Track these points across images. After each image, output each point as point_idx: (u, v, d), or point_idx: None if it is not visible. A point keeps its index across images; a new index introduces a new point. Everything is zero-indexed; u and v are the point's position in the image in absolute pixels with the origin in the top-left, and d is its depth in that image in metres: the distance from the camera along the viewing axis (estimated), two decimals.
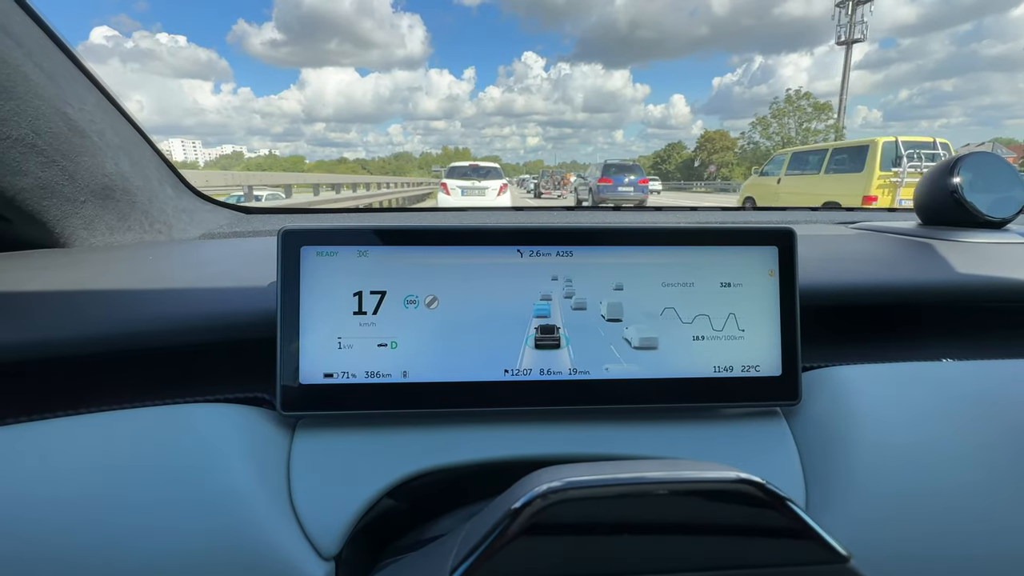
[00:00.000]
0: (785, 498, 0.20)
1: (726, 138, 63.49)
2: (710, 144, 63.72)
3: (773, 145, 44.00)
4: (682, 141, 78.79)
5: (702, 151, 64.13)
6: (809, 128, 42.34)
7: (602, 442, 0.32)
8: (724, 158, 60.19)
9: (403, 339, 0.31)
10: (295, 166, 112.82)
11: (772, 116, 44.44)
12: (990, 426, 0.31)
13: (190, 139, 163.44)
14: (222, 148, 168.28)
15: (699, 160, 62.63)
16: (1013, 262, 0.48)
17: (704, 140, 65.08)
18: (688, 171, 66.21)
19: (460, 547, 0.21)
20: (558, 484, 0.20)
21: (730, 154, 59.59)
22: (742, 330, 0.33)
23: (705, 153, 63.37)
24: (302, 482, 0.29)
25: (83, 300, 0.36)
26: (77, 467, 0.26)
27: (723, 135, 64.31)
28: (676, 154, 74.39)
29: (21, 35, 0.45)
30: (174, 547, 0.24)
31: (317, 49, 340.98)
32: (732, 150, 60.40)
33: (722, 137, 63.75)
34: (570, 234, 0.33)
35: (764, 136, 45.27)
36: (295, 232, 0.31)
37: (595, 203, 13.72)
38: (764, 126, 45.17)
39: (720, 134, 64.36)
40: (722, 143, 62.69)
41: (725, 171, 55.77)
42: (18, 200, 0.46)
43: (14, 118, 0.43)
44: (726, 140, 63.13)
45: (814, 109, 42.56)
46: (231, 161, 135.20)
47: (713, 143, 63.52)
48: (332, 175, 22.67)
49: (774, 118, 44.12)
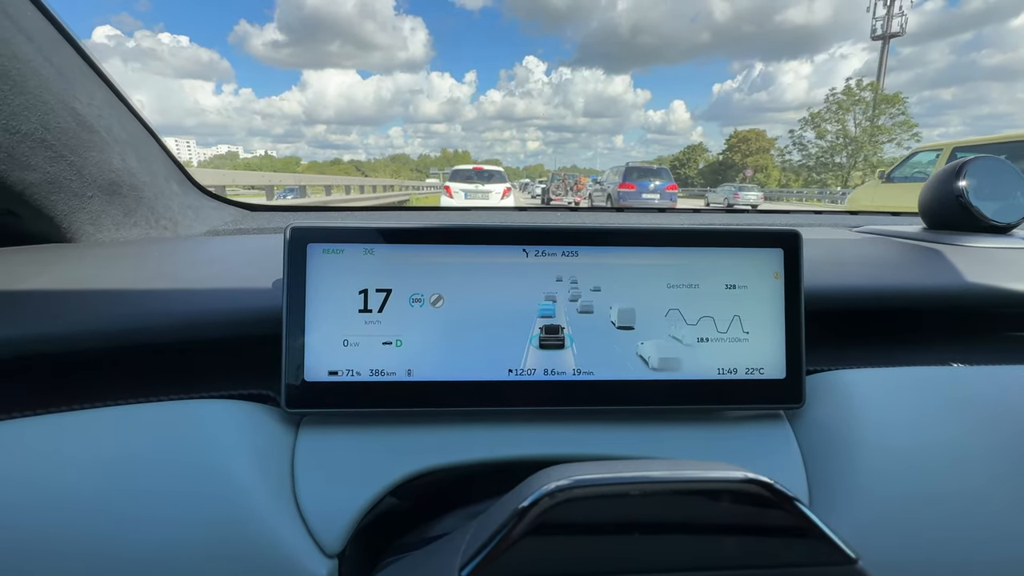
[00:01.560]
0: (794, 498, 0.20)
1: (762, 138, 57.08)
2: (744, 145, 57.16)
3: (829, 146, 38.01)
4: (703, 143, 72.78)
5: (734, 152, 57.70)
6: (876, 126, 36.29)
7: (605, 443, 0.32)
8: (759, 161, 54.07)
9: (408, 337, 0.31)
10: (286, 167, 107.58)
11: (828, 111, 38.42)
12: (994, 431, 0.31)
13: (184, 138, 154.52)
14: (217, 148, 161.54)
15: (730, 163, 56.29)
16: (1018, 267, 0.48)
17: (736, 140, 58.33)
18: (714, 176, 59.76)
19: (468, 546, 0.21)
20: (566, 483, 0.20)
21: (766, 156, 53.45)
22: (747, 332, 0.33)
23: (738, 155, 56.94)
24: (306, 479, 0.29)
25: (89, 295, 0.36)
26: (83, 462, 0.27)
27: (759, 134, 57.80)
28: (697, 157, 68.33)
29: (32, 30, 0.45)
30: (178, 542, 0.24)
31: (319, 51, 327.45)
32: (767, 151, 54.30)
33: (758, 137, 57.26)
34: (576, 234, 0.33)
35: (819, 135, 39.16)
36: (302, 229, 0.31)
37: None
38: (817, 123, 39.10)
39: (756, 133, 57.84)
40: (758, 144, 56.44)
41: (761, 176, 49.60)
42: (26, 195, 0.46)
43: (24, 113, 0.43)
44: (762, 140, 56.76)
45: (883, 102, 36.46)
46: (225, 161, 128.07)
47: (748, 144, 56.98)
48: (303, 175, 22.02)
49: (833, 113, 38.04)
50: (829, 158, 37.97)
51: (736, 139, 58.65)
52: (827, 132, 38.77)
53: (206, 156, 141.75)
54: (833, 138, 38.52)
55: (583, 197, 16.94)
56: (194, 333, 0.34)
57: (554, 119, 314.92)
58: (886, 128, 35.71)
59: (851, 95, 37.54)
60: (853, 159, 36.37)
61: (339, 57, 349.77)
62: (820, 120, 39.10)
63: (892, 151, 35.10)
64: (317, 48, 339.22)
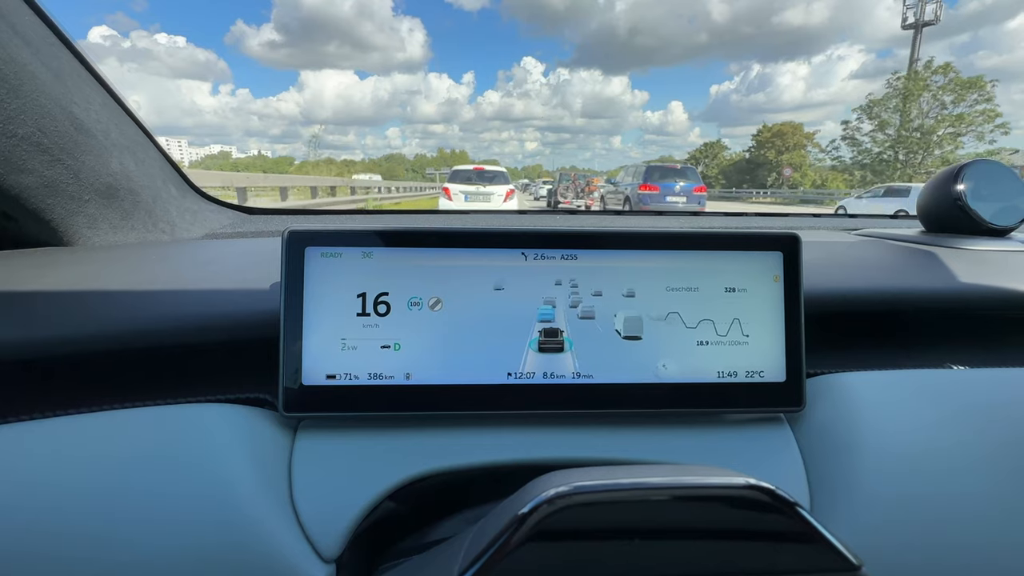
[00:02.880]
0: (796, 504, 0.20)
1: (799, 132, 48.46)
2: (779, 140, 48.68)
3: (891, 139, 32.55)
4: (722, 140, 67.12)
5: (768, 149, 49.22)
6: (951, 115, 30.84)
7: (605, 446, 0.32)
8: (794, 158, 47.89)
9: (406, 341, 0.31)
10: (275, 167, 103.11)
11: (891, 97, 32.86)
12: (994, 433, 0.31)
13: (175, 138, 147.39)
14: (210, 148, 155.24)
15: (761, 161, 49.02)
16: (1016, 270, 0.48)
17: (770, 135, 49.41)
18: (740, 177, 52.53)
19: (467, 552, 0.21)
20: (565, 489, 0.20)
21: (799, 153, 47.85)
22: (746, 335, 0.33)
23: (772, 152, 48.80)
24: (304, 484, 0.29)
25: (86, 299, 0.36)
26: (78, 466, 0.26)
27: (795, 128, 48.91)
28: (718, 155, 62.94)
29: (29, 34, 0.45)
30: (175, 548, 0.24)
31: (316, 51, 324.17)
32: (803, 148, 48.64)
33: (794, 131, 48.52)
34: (575, 238, 0.32)
35: (879, 126, 33.59)
36: (300, 233, 0.31)
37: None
38: (877, 112, 33.49)
39: (792, 127, 48.96)
40: (795, 139, 47.99)
41: (796, 176, 44.00)
42: (23, 198, 0.46)
43: (20, 116, 0.43)
44: (799, 135, 48.23)
45: (960, 87, 29.92)
46: (216, 161, 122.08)
47: (783, 139, 48.46)
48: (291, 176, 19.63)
49: (898, 100, 32.44)
50: (891, 154, 32.61)
51: (769, 133, 49.57)
52: (890, 123, 33.12)
53: (198, 156, 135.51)
54: (897, 130, 32.99)
55: (595, 200, 14.83)
56: (191, 337, 0.34)
57: (552, 120, 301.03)
58: (966, 117, 30.29)
59: (919, 80, 32.13)
60: (921, 154, 31.10)
61: (336, 58, 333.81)
62: (883, 108, 33.38)
63: (971, 145, 29.82)
64: (314, 49, 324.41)
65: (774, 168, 47.99)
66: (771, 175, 47.71)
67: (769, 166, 49.00)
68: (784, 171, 40.56)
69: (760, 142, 50.67)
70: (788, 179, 42.02)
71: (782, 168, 45.13)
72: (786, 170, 40.44)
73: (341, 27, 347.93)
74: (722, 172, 58.37)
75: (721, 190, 48.13)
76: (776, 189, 41.42)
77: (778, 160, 47.88)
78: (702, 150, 62.59)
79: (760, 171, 49.95)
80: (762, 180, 48.53)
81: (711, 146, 62.18)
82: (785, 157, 47.37)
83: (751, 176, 51.16)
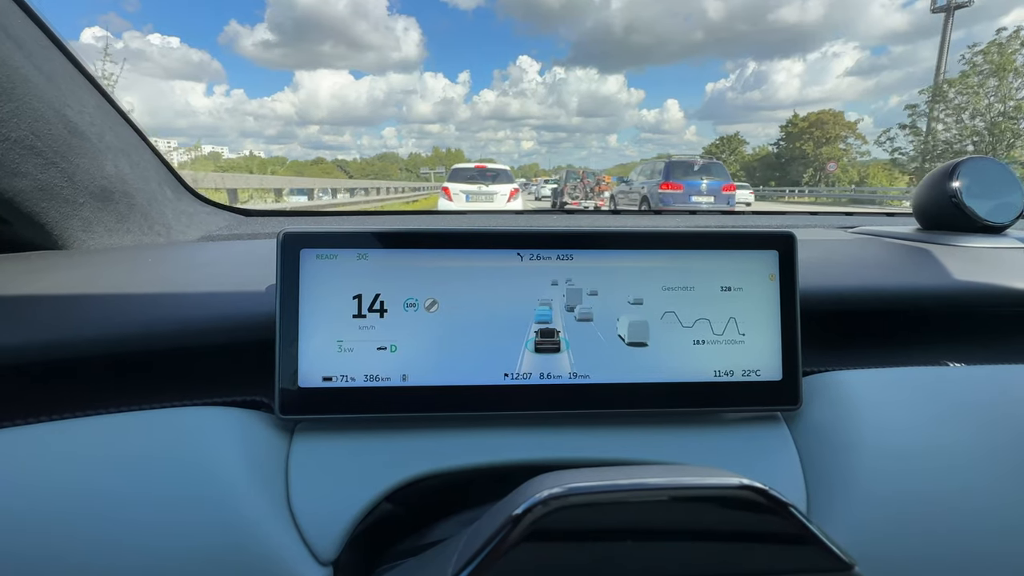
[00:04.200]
0: (789, 505, 0.20)
1: (840, 122, 41.69)
2: (818, 131, 41.93)
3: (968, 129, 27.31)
4: (739, 134, 58.97)
5: (804, 141, 42.48)
6: None
7: (602, 446, 0.32)
8: (834, 151, 40.63)
9: (403, 342, 0.31)
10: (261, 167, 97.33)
11: (971, 77, 27.69)
12: (990, 430, 0.31)
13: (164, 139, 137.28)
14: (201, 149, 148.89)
15: (796, 154, 42.29)
16: (1012, 267, 0.49)
17: (807, 124, 42.58)
18: (769, 173, 45.78)
19: (460, 554, 0.21)
20: (559, 490, 0.20)
21: (835, 147, 42.55)
22: (742, 334, 0.33)
23: (810, 144, 42.02)
24: (300, 486, 0.28)
25: (81, 302, 0.35)
26: (75, 471, 0.26)
27: (836, 116, 42.02)
28: (736, 149, 57.77)
29: (21, 36, 0.45)
30: (172, 551, 0.24)
31: (311, 51, 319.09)
32: (844, 139, 43.04)
33: (835, 120, 41.78)
34: (570, 238, 0.32)
35: (949, 111, 28.42)
36: (295, 235, 0.31)
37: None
38: (950, 97, 28.27)
39: (833, 115, 42.14)
40: (835, 129, 41.39)
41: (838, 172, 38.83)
42: (17, 202, 0.46)
43: (14, 120, 0.43)
44: (840, 125, 41.50)
45: None
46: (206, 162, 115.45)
47: (823, 128, 41.66)
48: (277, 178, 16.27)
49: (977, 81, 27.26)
50: (961, 145, 27.50)
51: (805, 123, 42.49)
52: (967, 108, 27.82)
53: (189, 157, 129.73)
54: (973, 117, 27.78)
55: (605, 201, 13.34)
56: (187, 339, 0.34)
57: (548, 119, 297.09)
58: None
59: (989, 57, 27.00)
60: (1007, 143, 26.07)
61: (331, 58, 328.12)
62: (963, 89, 28.11)
63: None
64: (309, 48, 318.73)
65: (811, 163, 41.57)
66: (807, 171, 41.39)
67: (805, 160, 42.35)
68: (828, 166, 34.07)
69: (791, 134, 43.88)
70: (832, 174, 36.90)
71: (824, 162, 39.64)
72: (830, 164, 33.90)
73: (336, 27, 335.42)
74: (744, 168, 53.06)
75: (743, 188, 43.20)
76: (813, 187, 36.39)
77: (817, 153, 41.50)
78: (718, 145, 57.23)
79: (793, 166, 43.39)
80: (795, 177, 42.60)
81: (728, 140, 56.63)
82: (825, 150, 41.58)
83: (781, 172, 44.63)
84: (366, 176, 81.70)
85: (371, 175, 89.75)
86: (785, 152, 45.45)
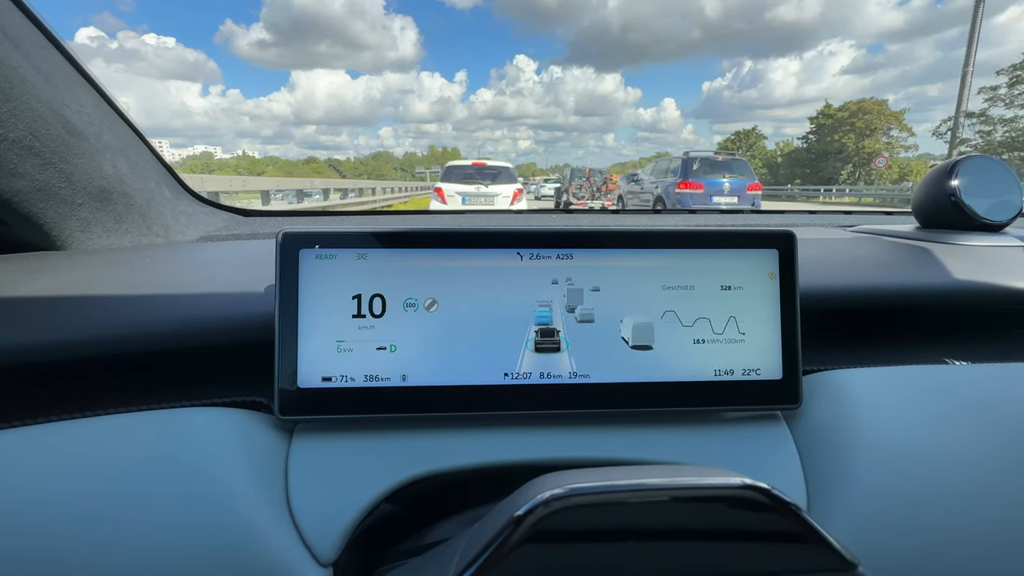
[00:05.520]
0: (792, 504, 0.20)
1: (884, 111, 37.27)
2: (860, 120, 37.27)
3: None
4: (757, 128, 54.87)
5: (845, 132, 37.82)
6: None
7: (602, 446, 0.32)
8: (876, 144, 36.48)
9: (402, 342, 0.31)
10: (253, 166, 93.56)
11: None
12: (991, 428, 0.31)
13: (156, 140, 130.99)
14: (193, 148, 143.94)
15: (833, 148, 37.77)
16: (1011, 266, 0.49)
17: (846, 115, 37.84)
18: (797, 170, 42.01)
19: (462, 555, 0.21)
20: (561, 491, 0.20)
21: (878, 141, 38.37)
22: (742, 333, 0.33)
23: (851, 136, 37.61)
24: (300, 487, 0.28)
25: (80, 303, 0.35)
26: (75, 472, 0.26)
27: (880, 105, 37.58)
28: (754, 144, 53.49)
29: (19, 36, 0.44)
30: (171, 552, 0.24)
31: (307, 51, 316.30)
32: (887, 131, 38.19)
33: (880, 110, 37.30)
34: (570, 237, 0.32)
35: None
36: (294, 235, 0.31)
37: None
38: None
39: (877, 104, 37.68)
40: (879, 119, 37.06)
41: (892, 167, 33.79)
42: (15, 202, 0.45)
43: (11, 120, 0.42)
44: (884, 115, 37.10)
45: None
46: (197, 162, 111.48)
47: (865, 116, 37.01)
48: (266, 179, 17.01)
49: None
50: None
51: (844, 113, 38.08)
52: None
53: (180, 157, 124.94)
54: None
55: (612, 201, 12.31)
56: (186, 340, 0.34)
57: (545, 118, 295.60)
58: None
59: None
60: None
61: (328, 57, 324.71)
62: None
63: None
64: (305, 48, 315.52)
65: (850, 158, 37.56)
66: (845, 167, 37.40)
67: (843, 155, 38.22)
68: (876, 160, 29.58)
69: (823, 126, 39.80)
70: (878, 170, 32.73)
71: (866, 157, 35.58)
72: (879, 159, 28.58)
73: (332, 26, 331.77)
74: (766, 165, 49.09)
75: (765, 187, 39.00)
76: (852, 185, 32.26)
77: (859, 146, 37.39)
78: (733, 140, 53.34)
79: (827, 162, 39.22)
80: (828, 174, 38.44)
81: (746, 135, 52.79)
82: (868, 143, 37.03)
83: (812, 169, 40.58)
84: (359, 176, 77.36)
85: (364, 175, 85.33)
86: (816, 146, 41.05)
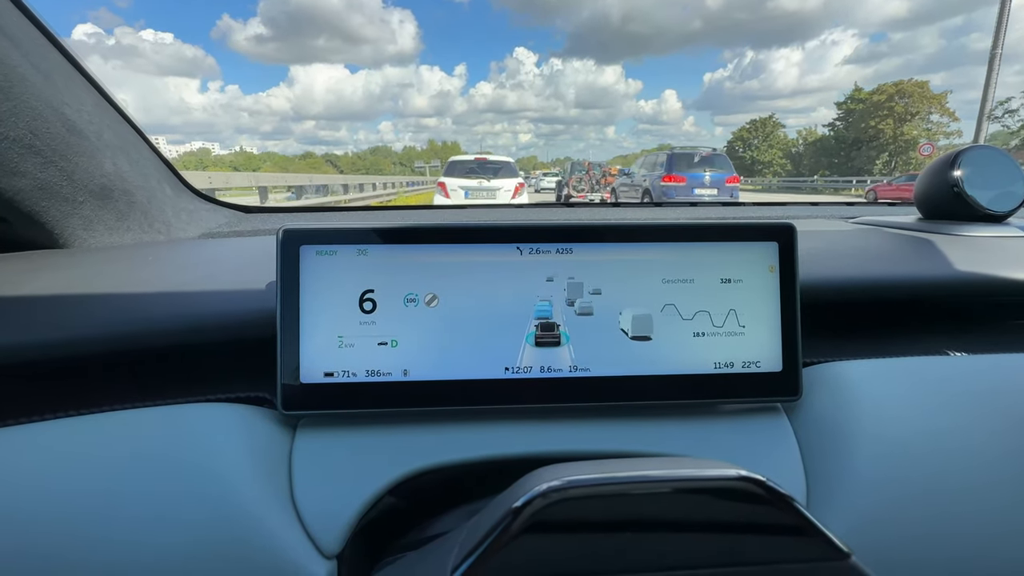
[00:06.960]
0: (787, 496, 0.20)
1: (926, 94, 32.96)
2: (898, 105, 33.28)
3: None
4: (775, 116, 52.52)
5: (882, 118, 33.86)
6: None
7: (603, 439, 0.32)
8: (914, 131, 32.42)
9: (403, 337, 0.31)
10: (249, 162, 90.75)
11: None
12: (991, 420, 0.31)
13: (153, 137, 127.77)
14: (190, 145, 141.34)
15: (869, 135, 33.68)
16: (1013, 256, 0.48)
17: (884, 98, 33.69)
18: (823, 160, 38.30)
19: (461, 546, 0.21)
20: (559, 483, 0.20)
21: (912, 126, 35.33)
22: (742, 326, 0.33)
23: (890, 122, 33.65)
24: (304, 481, 0.29)
25: (83, 301, 0.35)
26: (79, 469, 0.26)
27: (921, 86, 33.49)
28: (771, 133, 50.30)
29: (18, 35, 0.44)
30: (176, 546, 0.24)
31: (305, 45, 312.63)
32: (927, 117, 33.35)
33: (920, 92, 33.16)
34: (570, 231, 0.32)
35: None
36: (294, 231, 0.31)
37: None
38: None
39: (918, 85, 33.60)
40: (920, 103, 32.83)
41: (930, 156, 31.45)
42: (16, 201, 0.46)
43: (11, 119, 0.43)
44: (927, 98, 32.78)
45: None
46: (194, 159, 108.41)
47: (904, 100, 33.02)
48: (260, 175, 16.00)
49: None
50: None
51: (882, 97, 34.06)
52: None
53: (177, 154, 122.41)
54: None
55: (610, 194, 12.67)
56: (189, 337, 0.34)
57: (545, 111, 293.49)
58: None
59: None
60: None
61: (326, 52, 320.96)
62: None
63: None
64: (303, 43, 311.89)
65: (886, 146, 33.81)
66: (880, 156, 33.73)
67: (878, 144, 34.31)
68: (921, 148, 26.28)
69: (854, 111, 36.06)
70: (925, 159, 29.59)
71: (904, 145, 32.31)
72: (924, 146, 25.12)
73: (330, 20, 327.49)
74: (787, 156, 45.94)
75: (786, 179, 35.68)
76: (888, 175, 29.13)
77: (898, 132, 33.51)
78: (749, 129, 50.15)
79: (860, 151, 35.42)
80: (860, 164, 34.84)
81: (762, 123, 49.55)
82: (907, 128, 33.06)
83: (841, 159, 36.99)
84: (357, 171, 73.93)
85: (362, 170, 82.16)
86: (845, 134, 37.69)
